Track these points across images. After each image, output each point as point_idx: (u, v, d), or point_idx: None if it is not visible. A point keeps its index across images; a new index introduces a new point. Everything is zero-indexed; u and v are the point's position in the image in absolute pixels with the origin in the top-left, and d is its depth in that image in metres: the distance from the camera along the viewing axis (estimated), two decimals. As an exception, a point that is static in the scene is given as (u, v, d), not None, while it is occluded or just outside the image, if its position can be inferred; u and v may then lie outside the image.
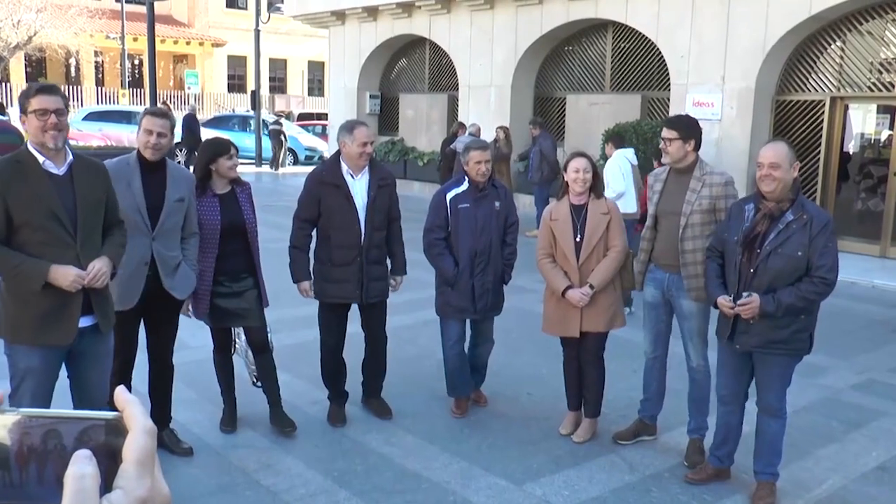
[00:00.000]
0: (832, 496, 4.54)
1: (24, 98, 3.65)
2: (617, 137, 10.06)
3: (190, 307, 4.88)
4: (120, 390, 0.69)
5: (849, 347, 7.43)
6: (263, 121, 24.52)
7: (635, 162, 9.32)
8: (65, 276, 3.56)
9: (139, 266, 4.39)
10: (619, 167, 8.99)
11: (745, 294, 4.13)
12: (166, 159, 4.57)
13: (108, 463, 0.64)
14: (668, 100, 13.74)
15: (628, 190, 8.86)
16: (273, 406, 5.17)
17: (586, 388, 5.19)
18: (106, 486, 0.63)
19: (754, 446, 4.47)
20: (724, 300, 4.21)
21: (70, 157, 3.71)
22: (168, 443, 4.76)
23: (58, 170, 3.64)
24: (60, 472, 0.62)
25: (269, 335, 5.17)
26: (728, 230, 4.32)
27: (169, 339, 4.81)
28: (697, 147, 4.79)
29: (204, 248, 4.79)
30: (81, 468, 0.62)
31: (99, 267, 3.67)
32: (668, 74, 13.78)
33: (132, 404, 0.67)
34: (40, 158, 3.61)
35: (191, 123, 20.42)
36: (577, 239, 4.96)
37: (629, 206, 8.55)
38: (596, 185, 5.04)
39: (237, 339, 5.24)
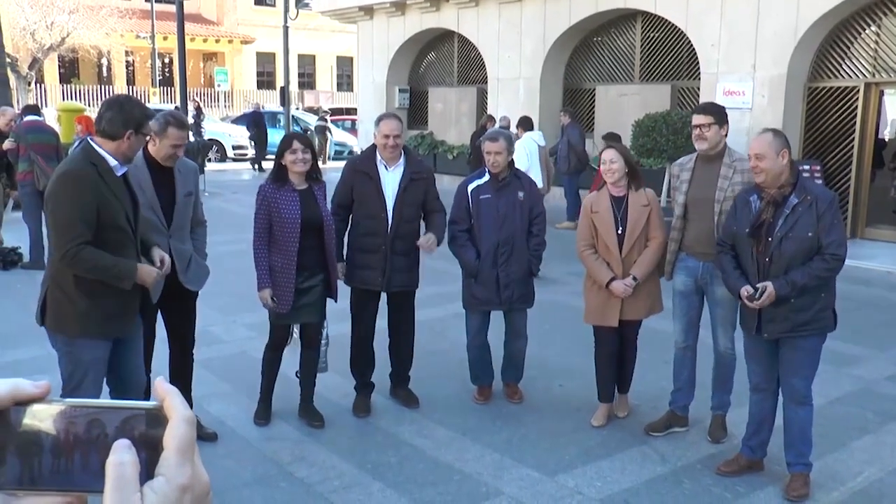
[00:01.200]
0: (868, 488, 4.51)
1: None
2: (526, 121, 11.81)
3: (272, 298, 4.90)
4: (160, 381, 0.71)
5: (884, 338, 7.34)
6: (293, 117, 24.65)
7: (542, 143, 11.17)
8: (149, 273, 3.85)
9: None
10: (525, 147, 10.52)
11: (759, 286, 4.16)
12: None
13: (150, 451, 0.67)
14: (699, 89, 13.62)
15: (533, 166, 10.40)
16: (305, 400, 5.26)
17: (625, 368, 5.32)
18: (147, 473, 0.66)
19: (784, 438, 4.47)
20: (746, 291, 4.23)
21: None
22: None
23: (120, 172, 3.80)
24: (104, 460, 0.65)
25: (324, 330, 5.25)
26: (737, 223, 4.34)
27: (188, 330, 4.87)
28: (727, 132, 4.86)
29: (285, 241, 4.86)
30: (121, 456, 0.65)
31: (168, 262, 4.01)
32: (697, 63, 13.67)
33: (172, 395, 0.70)
34: (112, 161, 3.73)
35: (257, 120, 21.23)
36: (619, 231, 4.99)
37: (535, 179, 9.22)
38: (635, 176, 5.06)
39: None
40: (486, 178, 5.38)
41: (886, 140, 12.53)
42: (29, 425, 0.67)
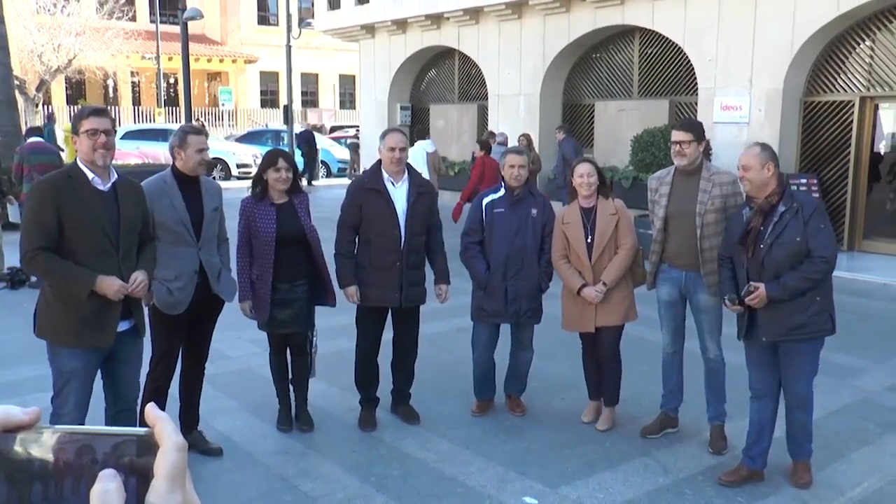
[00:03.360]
0: (867, 499, 4.50)
1: (77, 120, 3.88)
2: (420, 131, 13.96)
3: (250, 310, 5.07)
4: (150, 407, 0.70)
5: (883, 349, 7.34)
6: (299, 132, 24.72)
7: (431, 150, 12.75)
8: (109, 286, 3.79)
9: (191, 275, 4.60)
10: (414, 154, 12.06)
11: (751, 285, 4.28)
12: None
13: (140, 479, 0.65)
14: (696, 104, 13.67)
15: (421, 169, 11.36)
16: (299, 404, 5.35)
17: (606, 379, 5.37)
18: (138, 501, 0.64)
19: (787, 435, 4.62)
20: (728, 302, 4.46)
21: (114, 176, 3.95)
22: (198, 442, 4.90)
23: (103, 186, 3.87)
24: (91, 484, 0.64)
25: (313, 339, 5.32)
26: (732, 234, 4.51)
27: (206, 342, 4.98)
28: (704, 148, 5.07)
29: (261, 254, 4.99)
30: (105, 485, 0.63)
31: (141, 279, 3.93)
32: (695, 78, 13.72)
33: (163, 421, 0.68)
34: (89, 175, 3.83)
35: (308, 138, 21.94)
36: (589, 240, 5.16)
37: None
38: (603, 187, 5.24)
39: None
40: (502, 192, 5.43)
41: (882, 153, 12.50)
42: (18, 452, 0.66)
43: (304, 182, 21.17)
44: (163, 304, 4.54)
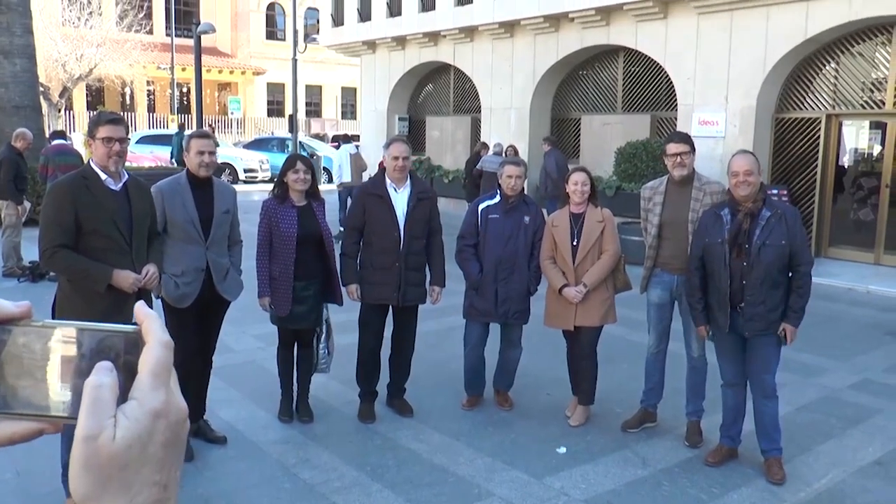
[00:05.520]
0: (831, 489, 4.48)
1: (94, 125, 3.87)
2: (344, 138, 15.67)
3: (270, 305, 5.04)
4: (139, 305, 0.65)
5: (846, 349, 7.33)
6: (301, 143, 24.68)
7: (354, 152, 13.83)
8: (125, 279, 3.81)
9: (197, 272, 4.57)
10: (340, 155, 13.78)
11: (783, 331, 4.38)
12: (212, 176, 4.67)
13: (126, 375, 0.61)
14: (676, 119, 13.66)
15: (344, 165, 13.49)
16: (301, 395, 5.30)
17: (580, 378, 5.34)
18: (123, 398, 0.60)
19: (756, 430, 4.60)
20: (703, 330, 4.63)
21: (125, 177, 3.95)
22: (204, 431, 4.88)
23: (115, 186, 3.88)
24: (79, 384, 0.60)
25: (323, 335, 5.28)
26: (709, 234, 4.48)
27: (213, 339, 4.92)
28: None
29: (281, 253, 4.98)
30: (100, 378, 0.59)
31: (153, 272, 3.96)
32: (675, 95, 13.71)
33: (151, 318, 0.63)
34: (102, 176, 3.84)
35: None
36: (574, 243, 5.14)
37: (346, 176, 13.43)
38: (594, 196, 5.23)
39: (325, 324, 5.34)
40: (497, 199, 5.41)
41: (847, 167, 12.53)
42: (6, 344, 0.62)
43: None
44: (170, 296, 4.50)
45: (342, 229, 5.72)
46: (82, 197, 3.76)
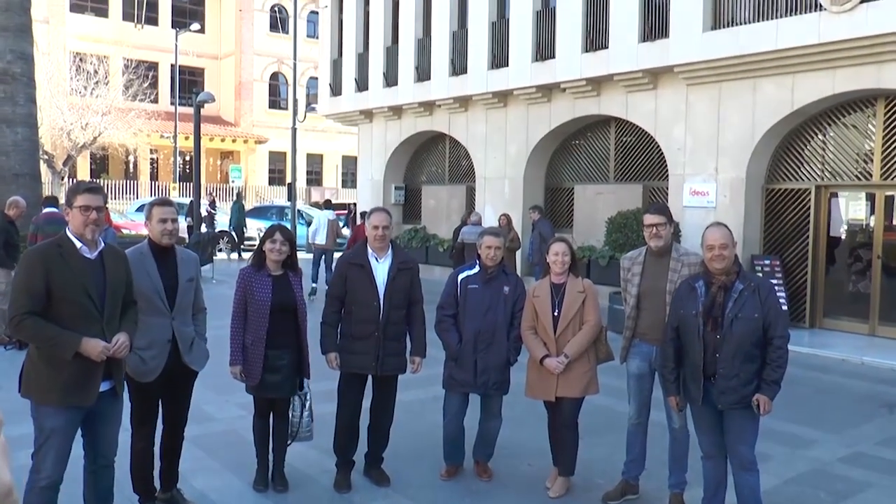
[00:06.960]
0: (818, 566, 4.35)
1: (72, 194, 3.88)
2: (326, 203, 17.07)
3: (241, 375, 4.99)
4: None
5: (838, 421, 7.21)
6: (299, 211, 24.85)
7: (332, 217, 15.14)
8: (94, 347, 3.72)
9: (164, 345, 4.49)
10: (319, 219, 15.11)
11: (756, 403, 4.25)
12: (174, 245, 4.66)
13: None
14: (667, 189, 13.78)
15: (320, 228, 14.75)
16: (276, 464, 5.21)
17: (561, 449, 5.24)
18: None
19: (738, 502, 4.45)
20: (674, 400, 4.56)
21: (101, 245, 3.93)
22: (176, 500, 4.78)
23: (91, 254, 3.86)
24: None
25: (307, 402, 5.21)
26: (683, 306, 4.43)
27: (184, 408, 4.83)
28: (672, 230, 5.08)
29: (255, 321, 4.95)
30: None
31: (122, 340, 3.85)
32: (666, 165, 13.87)
33: None
34: (78, 244, 3.83)
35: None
36: (556, 313, 5.10)
37: (321, 239, 14.69)
38: (574, 266, 5.21)
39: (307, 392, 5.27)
40: (476, 269, 5.40)
41: (841, 237, 12.52)
42: None
43: None
44: (134, 371, 4.41)
45: (314, 285, 5.70)
46: (54, 264, 3.74)
